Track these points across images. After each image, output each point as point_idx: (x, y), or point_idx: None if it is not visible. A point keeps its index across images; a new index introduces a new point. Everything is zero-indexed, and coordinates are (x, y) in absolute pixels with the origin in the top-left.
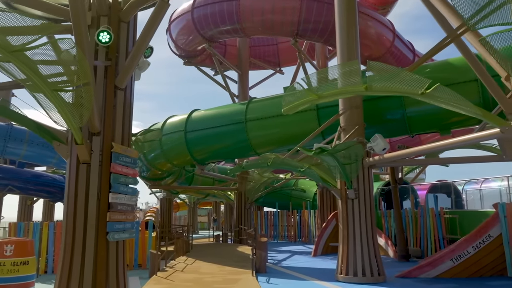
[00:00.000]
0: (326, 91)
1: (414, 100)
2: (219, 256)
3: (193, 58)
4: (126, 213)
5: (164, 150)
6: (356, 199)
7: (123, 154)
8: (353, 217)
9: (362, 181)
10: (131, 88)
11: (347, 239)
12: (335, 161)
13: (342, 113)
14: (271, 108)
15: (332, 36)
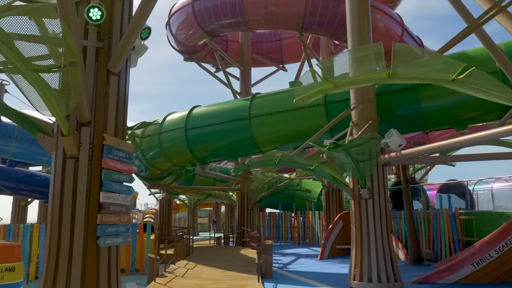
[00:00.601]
0: (343, 79)
1: (430, 94)
2: (222, 260)
3: (193, 54)
4: (119, 215)
5: (164, 148)
6: (370, 199)
7: (117, 147)
8: (367, 218)
9: (376, 179)
10: (126, 74)
11: (361, 242)
12: (349, 158)
13: (354, 107)
14: (277, 103)
15: (338, 29)
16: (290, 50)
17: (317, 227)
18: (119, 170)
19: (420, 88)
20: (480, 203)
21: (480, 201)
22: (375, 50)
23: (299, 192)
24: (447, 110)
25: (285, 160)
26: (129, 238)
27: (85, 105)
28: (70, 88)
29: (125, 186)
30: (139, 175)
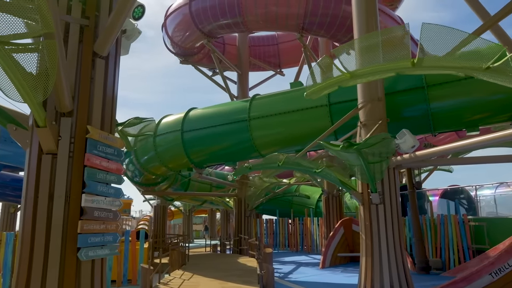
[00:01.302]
0: (361, 69)
1: (440, 94)
2: (220, 270)
3: (190, 57)
4: (106, 222)
5: (159, 152)
6: (381, 204)
7: (103, 142)
8: (377, 225)
9: (387, 183)
10: (116, 59)
11: (371, 250)
12: (360, 159)
13: (362, 106)
14: (277, 104)
15: (339, 31)
16: (288, 55)
17: (316, 234)
18: (105, 169)
19: (429, 88)
20: (483, 209)
21: (482, 207)
22: (398, 34)
23: (297, 198)
24: (458, 111)
25: (289, 162)
26: (117, 249)
27: (65, 91)
28: (47, 68)
29: (113, 188)
30: (133, 180)
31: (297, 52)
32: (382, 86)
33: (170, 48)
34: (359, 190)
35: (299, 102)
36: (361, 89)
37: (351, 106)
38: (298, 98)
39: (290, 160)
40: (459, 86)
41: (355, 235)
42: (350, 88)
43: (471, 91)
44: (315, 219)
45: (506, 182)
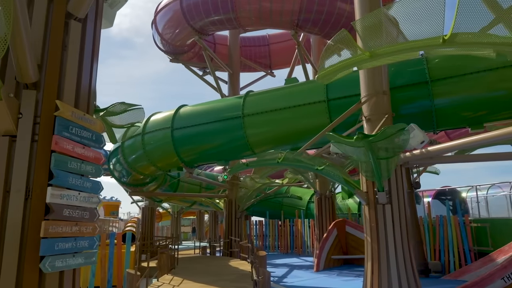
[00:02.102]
0: (383, 47)
1: (445, 90)
2: (211, 274)
3: (180, 55)
4: (80, 223)
5: (147, 150)
6: (388, 204)
7: (77, 123)
8: (384, 226)
9: (394, 182)
10: (96, 22)
11: (378, 254)
12: (369, 155)
13: (365, 100)
14: (273, 101)
15: (334, 29)
16: (279, 56)
17: (307, 236)
18: (80, 156)
19: (434, 83)
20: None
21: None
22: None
23: (287, 200)
24: (463, 107)
25: (289, 159)
26: (94, 257)
27: (28, 56)
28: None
29: (90, 182)
30: (120, 181)
31: (288, 53)
32: (387, 79)
33: (160, 46)
34: (363, 189)
35: (295, 98)
36: (365, 82)
37: (351, 102)
38: (295, 94)
39: (290, 156)
40: (464, 81)
41: (349, 237)
42: (350, 83)
43: (475, 86)
44: (306, 220)
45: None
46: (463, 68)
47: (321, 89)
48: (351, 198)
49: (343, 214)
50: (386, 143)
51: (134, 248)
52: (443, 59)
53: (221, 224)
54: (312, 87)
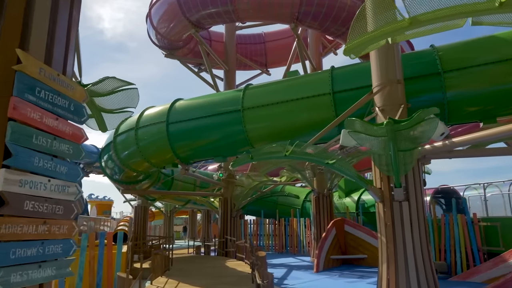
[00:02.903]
0: (427, 13)
1: (458, 82)
2: (208, 276)
3: (175, 50)
4: (49, 221)
5: (141, 146)
6: (406, 201)
7: (49, 85)
8: (402, 225)
9: (412, 177)
10: None
11: (395, 256)
12: (390, 146)
13: (378, 90)
14: (275, 94)
15: (334, 23)
16: (275, 54)
17: (303, 235)
18: (51, 130)
19: (446, 74)
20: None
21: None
22: None
23: (282, 199)
24: (477, 100)
25: (297, 152)
26: (69, 268)
27: None
28: None
29: (66, 165)
30: (112, 178)
31: (284, 52)
32: (400, 67)
33: (154, 41)
34: (376, 185)
35: (299, 91)
36: (377, 70)
37: (359, 95)
38: (297, 87)
39: (298, 150)
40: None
41: (348, 236)
42: (356, 74)
43: (490, 78)
44: (301, 219)
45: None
46: (475, 59)
47: (326, 81)
48: (348, 197)
49: (340, 213)
50: (413, 132)
51: (126, 249)
52: (453, 50)
53: (213, 223)
54: (316, 79)
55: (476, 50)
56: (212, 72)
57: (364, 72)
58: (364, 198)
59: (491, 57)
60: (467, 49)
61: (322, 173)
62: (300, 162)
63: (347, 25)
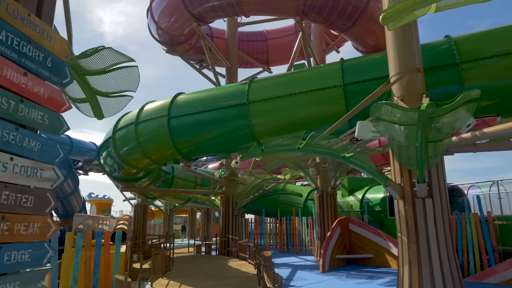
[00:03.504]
0: None
1: (477, 74)
2: (211, 277)
3: (176, 46)
4: (12, 217)
5: (141, 141)
6: (429, 198)
7: (13, 25)
8: (425, 223)
9: (435, 171)
10: None
11: (418, 256)
12: (418, 136)
13: (397, 79)
14: (282, 86)
15: (340, 17)
16: (276, 52)
17: (305, 234)
18: (15, 88)
19: (464, 64)
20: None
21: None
22: None
23: (283, 197)
24: (496, 93)
25: (311, 145)
26: (44, 282)
27: None
28: None
29: (38, 139)
30: (111, 176)
31: (286, 49)
32: (419, 55)
33: (155, 36)
34: (396, 180)
35: (307, 83)
36: (394, 59)
37: (371, 87)
38: (306, 79)
39: (313, 142)
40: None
41: (352, 235)
42: (368, 66)
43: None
44: (303, 218)
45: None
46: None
47: (336, 73)
48: (352, 195)
49: (344, 212)
50: (445, 120)
51: (125, 249)
52: (470, 40)
53: (213, 222)
54: (325, 71)
55: (494, 40)
56: (214, 67)
57: (376, 64)
58: (369, 196)
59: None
60: (484, 39)
61: (326, 171)
62: (304, 160)
63: (353, 20)
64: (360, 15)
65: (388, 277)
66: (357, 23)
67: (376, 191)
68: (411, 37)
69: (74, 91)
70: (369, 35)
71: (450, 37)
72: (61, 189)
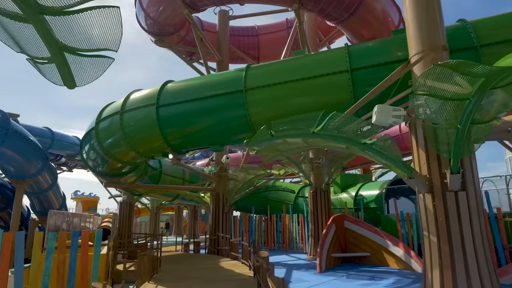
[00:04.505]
0: None
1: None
2: (204, 280)
3: (165, 37)
4: None
5: (127, 133)
6: (463, 191)
7: None
8: (459, 221)
9: (469, 161)
10: None
11: (452, 259)
12: (467, 112)
13: (419, 59)
14: (282, 72)
15: (337, 8)
16: (268, 47)
17: (296, 232)
18: None
19: (483, 48)
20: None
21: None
22: None
23: (273, 194)
24: None
25: (328, 129)
26: None
27: None
28: None
29: None
30: (95, 171)
31: (277, 45)
32: (444, 31)
33: (143, 26)
34: (421, 172)
35: (310, 69)
36: (416, 35)
37: (383, 72)
38: (308, 64)
39: (330, 127)
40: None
41: (348, 233)
42: (378, 49)
43: None
44: (294, 215)
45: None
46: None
47: (342, 57)
48: (345, 192)
49: (336, 209)
50: (501, 95)
51: (108, 249)
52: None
53: (199, 219)
54: (329, 56)
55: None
56: (205, 58)
57: (386, 48)
58: (363, 193)
59: None
60: (503, 22)
61: (320, 167)
62: (297, 155)
63: (350, 10)
64: (358, 6)
65: (391, 277)
66: (354, 14)
67: (370, 188)
68: (434, 11)
69: (34, 46)
70: (365, 27)
71: (465, 20)
72: (36, 184)
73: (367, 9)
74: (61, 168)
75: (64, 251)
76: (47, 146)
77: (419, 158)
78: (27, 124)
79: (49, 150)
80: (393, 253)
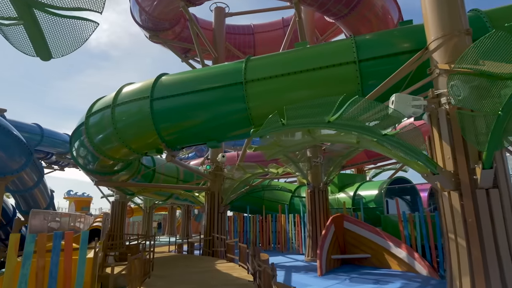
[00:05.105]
0: None
1: None
2: (200, 286)
3: (160, 32)
4: None
5: (119, 128)
6: (495, 189)
7: None
8: (491, 222)
9: (500, 156)
10: None
11: (484, 265)
12: (501, 107)
13: (439, 44)
14: (285, 64)
15: (337, 3)
16: (264, 46)
17: (291, 232)
18: None
19: None
20: None
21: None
22: None
23: (268, 194)
24: None
25: (345, 119)
26: None
27: None
28: None
29: None
30: (85, 169)
31: (273, 44)
32: (466, 15)
33: (138, 21)
34: (446, 167)
35: (314, 60)
36: (435, 19)
37: (394, 64)
38: (313, 55)
39: (346, 117)
40: None
41: (347, 234)
42: (387, 39)
43: None
44: (290, 216)
45: None
46: None
47: (348, 48)
48: (343, 192)
49: (333, 209)
50: None
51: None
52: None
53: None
54: (335, 46)
55: None
56: (201, 54)
57: (394, 37)
58: (361, 193)
59: None
60: None
61: (318, 166)
62: (294, 154)
63: (350, 6)
64: (358, 1)
65: (396, 280)
66: (354, 10)
67: (369, 188)
68: None
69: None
70: (363, 24)
71: (478, 10)
72: (20, 181)
73: (367, 5)
74: (52, 167)
75: (44, 255)
76: (36, 143)
77: (442, 152)
78: (15, 120)
79: (39, 147)
80: (395, 254)
